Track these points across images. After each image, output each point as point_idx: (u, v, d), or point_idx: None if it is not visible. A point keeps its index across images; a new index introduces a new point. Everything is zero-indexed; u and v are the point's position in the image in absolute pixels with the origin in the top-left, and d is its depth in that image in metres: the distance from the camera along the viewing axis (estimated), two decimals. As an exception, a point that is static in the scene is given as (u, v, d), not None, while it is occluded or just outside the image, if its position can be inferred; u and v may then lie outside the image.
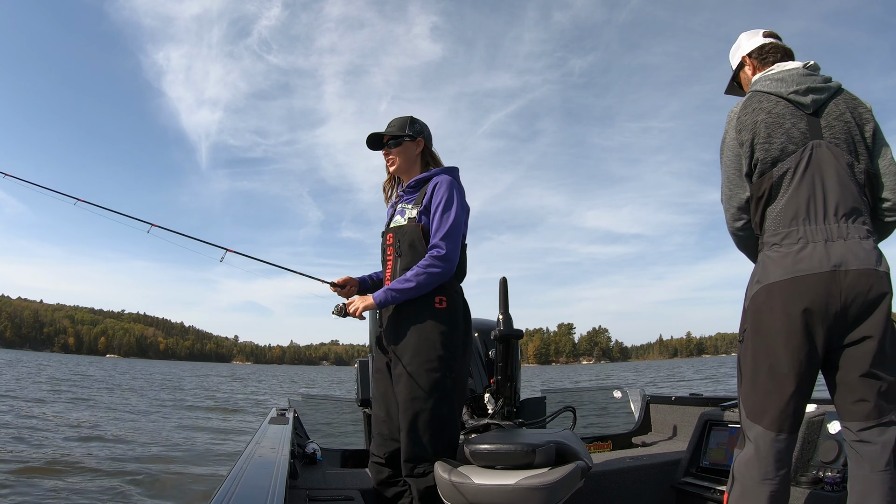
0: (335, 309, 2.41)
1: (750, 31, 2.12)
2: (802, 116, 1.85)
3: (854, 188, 1.79)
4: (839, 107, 1.86)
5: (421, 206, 2.29)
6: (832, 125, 1.83)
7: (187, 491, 5.11)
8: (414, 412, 2.12)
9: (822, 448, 2.36)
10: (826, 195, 1.78)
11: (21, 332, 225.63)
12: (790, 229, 1.79)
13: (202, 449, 7.37)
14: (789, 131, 1.83)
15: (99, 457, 6.29)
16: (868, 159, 1.84)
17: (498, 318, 2.91)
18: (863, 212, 1.79)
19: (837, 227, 1.75)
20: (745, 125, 1.88)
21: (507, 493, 1.82)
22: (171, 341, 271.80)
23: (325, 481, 2.45)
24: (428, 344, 2.16)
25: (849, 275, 1.69)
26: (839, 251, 1.71)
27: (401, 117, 2.46)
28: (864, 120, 1.87)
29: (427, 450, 2.11)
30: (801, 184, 1.81)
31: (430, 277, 2.18)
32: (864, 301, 1.69)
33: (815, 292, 1.70)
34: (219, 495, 1.28)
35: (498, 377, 2.81)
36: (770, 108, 1.86)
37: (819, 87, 1.87)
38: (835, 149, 1.81)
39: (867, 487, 1.68)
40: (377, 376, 2.40)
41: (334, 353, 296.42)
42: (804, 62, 1.94)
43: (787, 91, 1.87)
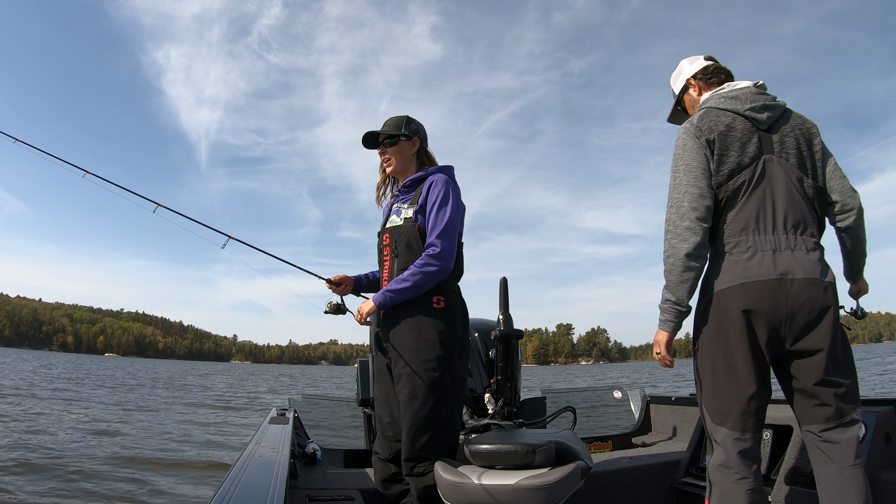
0: (329, 307, 2.41)
1: (691, 57, 2.20)
2: (756, 132, 1.92)
3: (803, 202, 1.88)
4: (790, 124, 1.95)
5: (417, 206, 2.28)
6: (784, 141, 1.92)
7: (187, 490, 5.10)
8: (413, 412, 2.12)
9: (822, 449, 2.36)
10: (776, 208, 1.86)
11: (20, 331, 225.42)
12: (740, 238, 1.86)
13: (202, 448, 7.36)
14: (745, 146, 1.90)
15: (99, 456, 6.28)
16: (816, 174, 1.93)
17: (498, 318, 2.90)
18: (810, 225, 1.88)
19: (786, 238, 1.83)
20: (703, 131, 1.92)
21: (508, 493, 1.82)
22: (170, 340, 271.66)
23: (325, 481, 2.45)
24: (426, 344, 2.16)
25: (795, 283, 1.78)
26: (786, 261, 1.80)
27: (397, 116, 2.46)
28: (811, 135, 1.96)
29: (427, 449, 2.11)
30: (752, 196, 1.88)
31: (426, 276, 2.17)
32: (809, 310, 1.77)
33: (763, 297, 1.78)
34: (219, 495, 1.28)
35: (498, 377, 2.80)
36: (728, 123, 1.92)
37: (773, 105, 1.95)
38: (785, 164, 1.90)
39: (839, 484, 1.75)
40: (378, 378, 2.39)
41: (333, 353, 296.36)
42: (754, 82, 2.01)
43: (743, 108, 1.94)
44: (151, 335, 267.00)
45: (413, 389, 2.13)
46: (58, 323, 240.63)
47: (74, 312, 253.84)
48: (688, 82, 2.17)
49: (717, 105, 1.98)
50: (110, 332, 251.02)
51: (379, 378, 2.39)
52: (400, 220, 2.32)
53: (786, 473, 2.37)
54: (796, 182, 1.89)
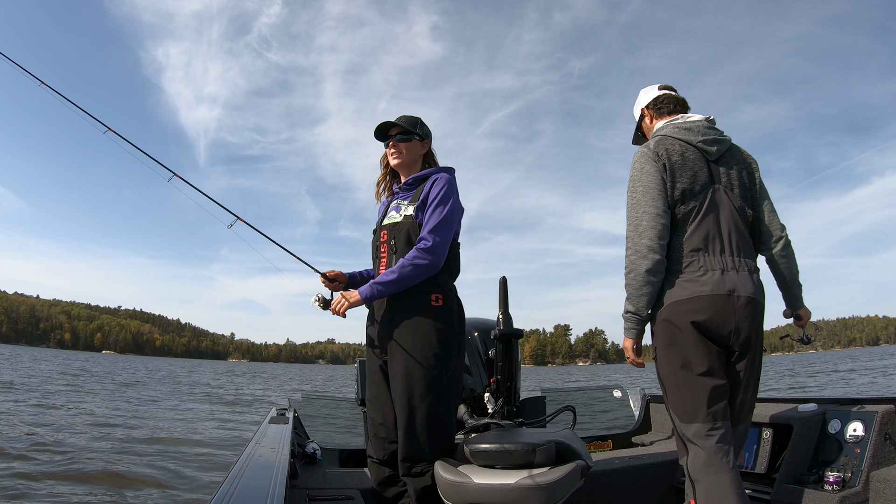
0: (318, 300, 2.38)
1: (647, 87, 2.38)
2: (706, 163, 2.11)
3: (744, 228, 2.09)
4: (735, 158, 2.15)
5: (418, 203, 2.27)
6: (729, 174, 2.12)
7: (187, 490, 5.09)
8: (411, 411, 2.11)
9: (822, 447, 2.37)
10: (722, 233, 2.05)
11: (17, 328, 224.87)
12: (692, 259, 2.04)
13: (202, 448, 7.35)
14: (696, 175, 2.08)
15: (98, 454, 6.27)
16: (754, 205, 2.14)
17: (498, 317, 2.90)
18: (749, 249, 2.09)
19: (732, 260, 2.03)
20: (661, 155, 2.09)
21: (508, 493, 1.81)
22: (168, 338, 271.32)
23: (324, 481, 2.45)
24: (424, 342, 2.15)
25: (741, 300, 1.98)
26: (733, 280, 2.00)
27: (411, 116, 2.44)
28: (752, 170, 2.17)
29: (424, 449, 2.10)
30: (702, 222, 2.06)
31: (414, 269, 2.15)
32: (749, 324, 1.98)
33: (715, 310, 1.97)
34: (219, 495, 1.28)
35: (498, 376, 2.80)
36: (682, 152, 2.10)
37: (721, 140, 2.14)
38: (730, 193, 2.10)
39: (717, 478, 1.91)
40: (372, 378, 2.36)
41: (330, 352, 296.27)
42: (705, 116, 2.19)
43: (695, 139, 2.12)
44: (149, 333, 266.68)
45: (411, 388, 2.12)
46: (55, 320, 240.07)
47: (72, 309, 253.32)
48: (642, 111, 2.37)
49: (671, 133, 2.16)
50: (108, 329, 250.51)
51: (372, 378, 2.35)
52: (400, 216, 2.30)
53: (786, 472, 2.37)
54: (739, 210, 2.09)
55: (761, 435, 2.63)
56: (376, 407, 2.30)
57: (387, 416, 2.25)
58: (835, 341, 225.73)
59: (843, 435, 2.34)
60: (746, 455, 2.64)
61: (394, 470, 2.23)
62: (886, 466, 2.21)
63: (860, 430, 2.30)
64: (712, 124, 2.17)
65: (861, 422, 2.31)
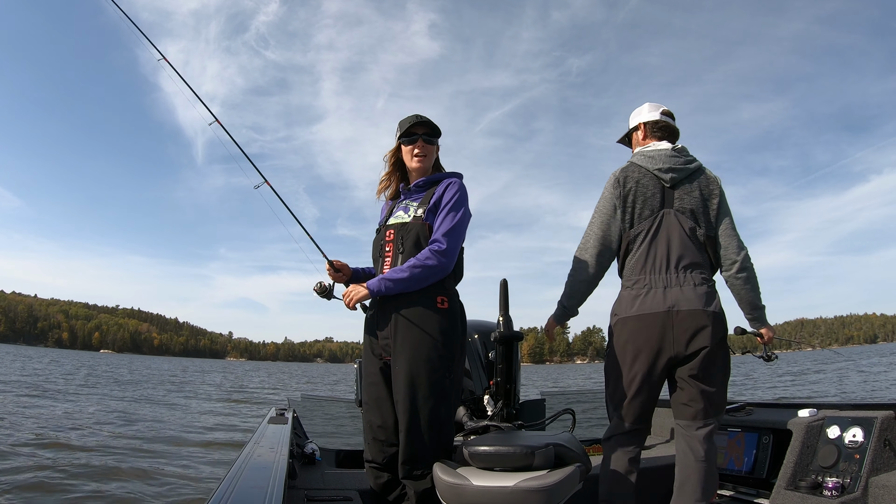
0: (319, 287, 2.37)
1: (654, 104, 2.59)
2: (661, 189, 2.37)
3: (694, 247, 2.31)
4: (693, 184, 2.37)
5: (428, 206, 2.26)
6: (682, 198, 2.35)
7: (186, 490, 5.08)
8: (413, 413, 2.10)
9: (821, 453, 2.37)
10: (669, 252, 2.30)
11: (15, 327, 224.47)
12: (639, 277, 2.33)
13: (201, 447, 7.34)
14: (649, 200, 2.36)
15: (98, 453, 6.26)
16: (709, 226, 2.35)
17: (498, 319, 2.90)
18: (699, 265, 2.30)
19: (676, 277, 2.28)
20: (621, 183, 2.40)
21: (506, 495, 1.81)
22: (166, 337, 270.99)
23: (323, 481, 2.44)
24: (430, 344, 2.13)
25: (680, 314, 2.23)
26: (674, 295, 2.25)
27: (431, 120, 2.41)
28: (711, 195, 2.38)
29: (426, 451, 2.09)
30: (651, 242, 2.34)
31: (426, 271, 2.14)
32: (692, 333, 2.22)
33: (655, 326, 2.25)
34: (217, 495, 1.27)
35: (497, 379, 2.79)
36: (639, 179, 2.38)
37: (679, 168, 2.37)
38: (681, 216, 2.33)
39: (689, 472, 2.25)
40: (371, 380, 2.31)
41: (328, 351, 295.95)
42: (674, 145, 2.43)
43: (653, 167, 2.38)
44: (147, 332, 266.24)
45: (415, 389, 2.10)
46: (53, 319, 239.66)
47: (70, 308, 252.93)
48: (640, 125, 2.57)
49: (636, 160, 2.44)
50: (106, 328, 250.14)
51: (371, 380, 2.30)
52: (408, 217, 2.28)
53: (786, 477, 2.37)
54: (689, 231, 2.32)
55: (761, 440, 2.63)
56: (375, 409, 2.27)
57: (386, 418, 2.23)
58: (832, 339, 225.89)
59: (842, 441, 2.34)
60: (746, 460, 2.64)
61: (392, 474, 2.22)
62: (885, 472, 2.20)
63: (859, 436, 2.29)
64: (679, 153, 2.40)
65: (860, 428, 2.31)
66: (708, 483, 2.22)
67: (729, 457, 2.71)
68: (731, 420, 2.80)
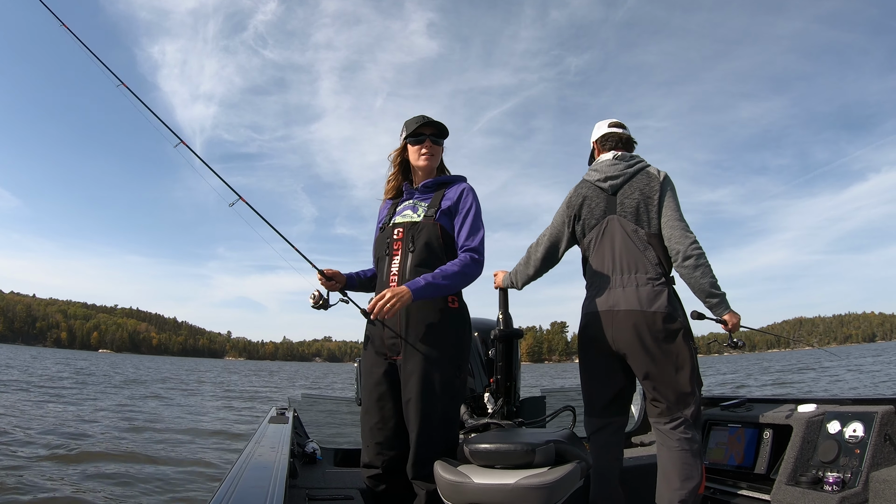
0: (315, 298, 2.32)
1: (604, 121, 2.76)
2: (604, 198, 2.55)
3: (636, 249, 2.42)
4: (633, 187, 2.49)
5: (439, 207, 2.25)
6: (623, 202, 2.49)
7: (187, 490, 5.08)
8: (427, 413, 2.08)
9: (821, 448, 2.37)
10: (614, 256, 2.45)
11: (13, 327, 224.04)
12: (592, 280, 2.54)
13: (201, 447, 7.33)
14: (594, 210, 2.57)
15: (97, 452, 6.25)
16: (650, 224, 2.44)
17: (498, 317, 2.89)
18: (644, 266, 2.40)
19: (619, 279, 2.42)
20: (571, 202, 2.66)
21: (507, 493, 1.80)
22: (164, 336, 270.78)
23: (324, 480, 2.44)
24: (443, 344, 2.12)
25: (619, 314, 2.38)
26: (615, 297, 2.41)
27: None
28: (651, 192, 2.46)
29: (437, 451, 2.08)
30: (598, 249, 2.53)
31: (466, 280, 2.17)
32: (630, 334, 2.35)
33: (598, 324, 2.44)
34: (218, 494, 1.27)
35: (498, 377, 2.79)
36: (585, 193, 2.62)
37: (617, 174, 2.53)
38: (623, 220, 2.48)
39: (669, 464, 2.32)
40: (375, 380, 2.23)
41: (327, 350, 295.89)
42: (616, 153, 2.60)
43: (595, 179, 2.59)
44: (145, 331, 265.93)
45: (429, 389, 2.09)
46: (52, 319, 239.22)
47: (68, 308, 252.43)
48: (594, 143, 2.76)
49: (586, 177, 2.66)
50: (104, 328, 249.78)
51: (376, 380, 2.23)
52: (418, 216, 2.26)
53: (786, 472, 2.37)
54: (632, 234, 2.44)
55: (761, 435, 2.63)
56: (376, 410, 2.21)
57: (387, 419, 2.19)
58: (831, 338, 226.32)
59: (842, 436, 2.34)
60: (746, 455, 2.64)
61: (392, 478, 2.18)
62: (886, 467, 2.20)
63: (860, 431, 2.30)
64: (620, 159, 2.57)
65: (860, 422, 2.31)
66: (686, 473, 2.28)
67: (729, 452, 2.72)
68: (732, 416, 2.81)
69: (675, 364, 2.33)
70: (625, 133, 2.69)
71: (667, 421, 2.35)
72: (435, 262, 2.19)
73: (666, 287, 2.40)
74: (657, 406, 2.39)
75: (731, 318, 2.44)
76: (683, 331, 2.36)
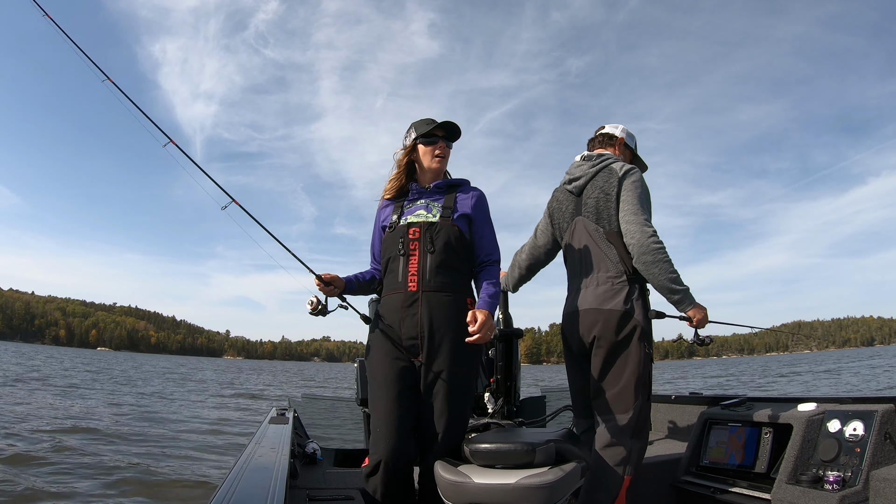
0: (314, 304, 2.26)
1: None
2: (572, 200, 2.54)
3: (598, 248, 2.40)
4: (594, 186, 2.46)
5: (454, 210, 2.24)
6: (587, 203, 2.47)
7: (186, 491, 5.07)
8: (451, 412, 2.10)
9: (821, 447, 2.36)
10: (580, 257, 2.44)
11: (12, 324, 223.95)
12: (568, 283, 2.55)
13: (201, 448, 7.32)
14: (563, 213, 2.57)
15: (95, 453, 6.24)
16: (611, 222, 2.39)
17: (498, 317, 2.89)
18: (604, 265, 2.37)
19: (585, 280, 2.41)
20: (548, 207, 2.69)
21: (507, 493, 1.80)
22: (163, 335, 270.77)
23: (325, 481, 2.44)
24: (465, 346, 2.10)
25: (580, 314, 2.37)
26: (580, 297, 2.40)
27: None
28: (610, 188, 2.40)
29: (455, 451, 2.09)
30: (569, 250, 2.53)
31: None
32: (588, 332, 2.34)
33: (568, 326, 2.44)
34: (219, 495, 1.27)
35: (498, 376, 2.79)
36: (557, 196, 2.64)
37: (579, 176, 2.52)
38: (587, 220, 2.45)
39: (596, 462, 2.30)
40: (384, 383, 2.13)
41: (326, 350, 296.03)
42: (583, 154, 2.60)
43: (563, 182, 2.62)
44: (144, 330, 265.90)
45: (453, 389, 2.11)
46: (50, 316, 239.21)
47: (67, 306, 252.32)
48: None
49: (561, 181, 2.65)
50: (103, 326, 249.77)
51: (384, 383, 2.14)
52: (434, 217, 2.23)
53: (786, 471, 2.36)
54: (593, 233, 2.42)
55: (761, 434, 2.63)
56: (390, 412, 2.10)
57: (402, 420, 2.10)
58: (829, 342, 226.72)
59: (842, 434, 2.34)
60: (746, 454, 2.64)
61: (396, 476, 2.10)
62: (886, 466, 2.20)
63: (860, 430, 2.29)
64: (586, 159, 2.55)
65: (861, 421, 2.31)
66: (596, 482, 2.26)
67: (730, 451, 2.71)
68: (732, 415, 2.80)
69: (623, 365, 2.28)
70: (604, 132, 2.67)
71: (601, 420, 2.31)
72: (455, 262, 2.19)
73: (627, 285, 2.33)
74: (596, 404, 2.35)
75: (696, 313, 2.34)
76: (639, 331, 2.29)
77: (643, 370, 2.28)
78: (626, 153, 2.68)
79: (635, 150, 2.72)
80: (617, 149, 2.64)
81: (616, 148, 2.64)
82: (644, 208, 2.34)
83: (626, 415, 2.26)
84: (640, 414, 2.28)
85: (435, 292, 2.15)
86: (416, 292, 2.16)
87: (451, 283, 2.18)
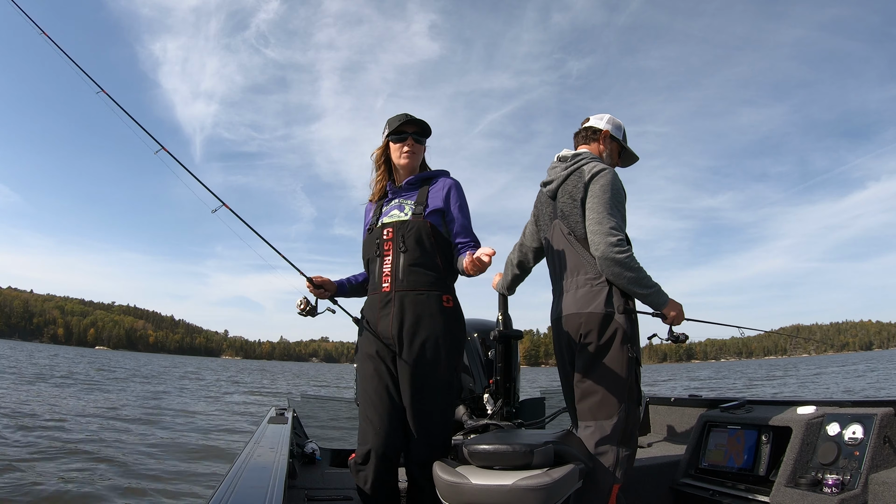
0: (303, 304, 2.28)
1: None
2: (550, 203, 2.49)
3: (573, 252, 2.34)
4: (566, 188, 2.39)
5: (426, 205, 2.23)
6: (560, 206, 2.41)
7: (186, 491, 5.06)
8: (427, 413, 2.09)
9: (821, 450, 2.36)
10: (559, 261, 2.40)
11: (10, 322, 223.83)
12: (552, 286, 2.50)
13: (200, 448, 7.31)
14: (543, 216, 2.54)
15: (95, 453, 6.24)
16: (581, 225, 2.33)
17: (497, 318, 2.89)
18: (581, 268, 2.31)
19: (565, 284, 2.36)
20: (535, 208, 2.65)
21: (505, 494, 1.80)
22: (161, 334, 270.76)
23: (323, 481, 2.44)
24: (439, 343, 2.11)
25: (561, 319, 2.34)
26: (562, 302, 2.36)
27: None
28: (577, 193, 2.34)
29: (439, 451, 2.09)
30: (549, 254, 2.49)
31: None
32: (573, 336, 2.29)
33: (555, 332, 2.41)
34: (217, 495, 1.27)
35: (497, 378, 2.79)
36: (538, 198, 2.62)
37: (551, 179, 2.47)
38: (561, 223, 2.40)
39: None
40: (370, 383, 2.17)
41: (324, 350, 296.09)
42: (560, 155, 2.51)
43: (541, 184, 2.57)
44: (142, 329, 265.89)
45: (426, 389, 2.09)
46: (49, 315, 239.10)
47: (66, 304, 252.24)
48: None
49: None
50: (101, 324, 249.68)
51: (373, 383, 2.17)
52: (406, 215, 2.24)
53: (785, 474, 2.37)
54: (568, 237, 2.37)
55: (760, 437, 2.63)
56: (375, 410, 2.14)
57: (384, 417, 2.13)
58: (828, 346, 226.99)
59: (841, 438, 2.34)
60: (746, 457, 2.64)
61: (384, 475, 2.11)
62: (885, 469, 2.20)
63: (859, 433, 2.29)
64: (562, 160, 2.48)
65: (860, 424, 2.31)
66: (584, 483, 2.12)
67: (729, 454, 2.71)
68: (731, 417, 2.80)
69: (606, 368, 2.20)
70: (587, 126, 2.56)
71: (585, 425, 2.22)
72: (428, 260, 2.19)
73: (606, 286, 2.25)
74: (580, 409, 2.25)
75: (669, 309, 2.30)
76: (622, 333, 2.21)
77: (628, 374, 2.20)
78: (613, 146, 2.56)
79: (624, 141, 2.60)
80: (602, 143, 2.53)
81: (600, 142, 2.53)
82: (611, 214, 2.26)
83: (611, 420, 2.17)
84: (626, 419, 2.19)
85: (408, 291, 2.16)
86: (390, 293, 2.18)
87: (425, 282, 2.17)
